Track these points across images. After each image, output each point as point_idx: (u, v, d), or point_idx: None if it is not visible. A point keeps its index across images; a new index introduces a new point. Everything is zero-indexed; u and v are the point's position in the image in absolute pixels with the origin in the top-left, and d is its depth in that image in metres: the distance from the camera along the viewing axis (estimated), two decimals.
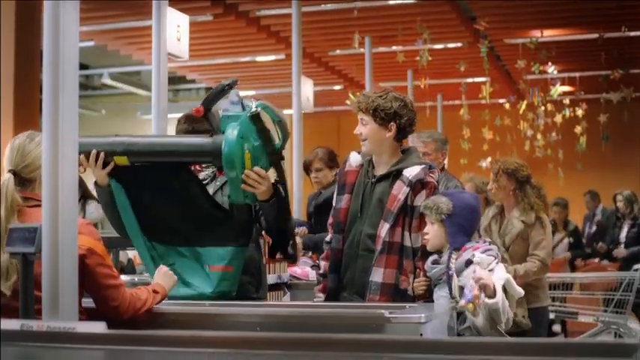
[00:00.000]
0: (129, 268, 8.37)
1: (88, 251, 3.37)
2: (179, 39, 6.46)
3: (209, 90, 15.46)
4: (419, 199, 4.44)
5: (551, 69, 11.89)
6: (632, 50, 11.97)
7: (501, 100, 14.33)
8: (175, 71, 12.96)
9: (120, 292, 3.55)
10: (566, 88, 13.44)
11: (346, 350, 2.22)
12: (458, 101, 14.24)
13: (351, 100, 4.63)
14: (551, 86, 12.53)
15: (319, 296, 4.63)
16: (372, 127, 4.49)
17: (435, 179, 4.52)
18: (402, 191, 4.43)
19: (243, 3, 10.03)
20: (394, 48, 11.35)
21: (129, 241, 4.52)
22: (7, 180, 3.50)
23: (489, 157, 13.26)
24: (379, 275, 4.41)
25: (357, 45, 10.56)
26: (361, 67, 11.31)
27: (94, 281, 3.42)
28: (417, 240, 4.45)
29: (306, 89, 9.73)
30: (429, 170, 4.51)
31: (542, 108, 13.52)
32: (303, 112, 9.05)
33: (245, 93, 13.39)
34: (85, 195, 6.55)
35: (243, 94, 8.73)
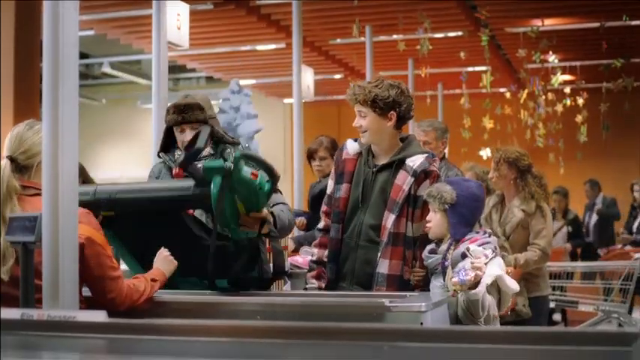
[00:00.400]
0: None
1: (87, 240, 3.37)
2: (179, 28, 6.45)
3: (209, 80, 15.25)
4: (422, 188, 4.43)
5: (552, 58, 11.87)
6: (633, 39, 11.95)
7: (502, 89, 14.32)
8: (175, 60, 12.93)
9: (117, 284, 3.54)
10: (567, 77, 13.43)
11: (347, 339, 2.22)
12: (458, 90, 14.22)
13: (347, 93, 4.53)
14: (552, 75, 12.51)
15: (312, 282, 4.61)
16: (372, 117, 4.45)
17: (437, 168, 4.52)
18: (407, 181, 4.41)
19: None
20: (395, 37, 11.33)
21: None
22: (4, 166, 3.50)
23: (490, 147, 13.25)
24: (385, 267, 4.40)
25: (357, 34, 10.54)
26: (362, 56, 11.29)
27: (91, 271, 3.41)
28: (418, 229, 4.45)
29: (307, 78, 9.73)
30: (432, 159, 4.51)
31: (543, 97, 13.51)
32: (303, 100, 9.05)
33: (245, 82, 13.42)
34: (87, 182, 6.54)
35: (243, 82, 8.67)
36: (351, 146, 4.64)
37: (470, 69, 13.11)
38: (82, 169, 4.25)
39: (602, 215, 13.29)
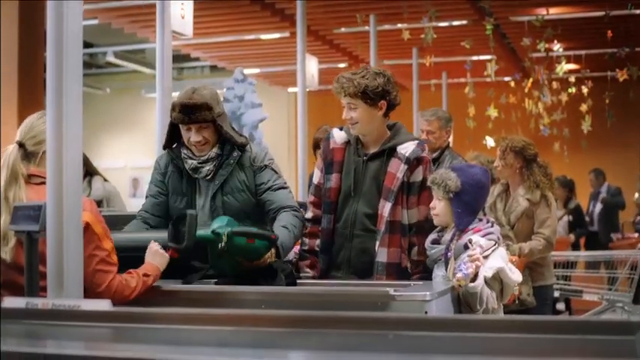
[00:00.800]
0: None
1: (85, 225, 3.36)
2: (183, 17, 6.43)
3: (213, 69, 15.19)
4: (416, 175, 4.43)
5: (557, 47, 11.85)
6: (638, 28, 11.91)
7: (506, 78, 14.28)
8: (180, 49, 12.92)
9: (107, 278, 3.53)
10: (572, 66, 13.39)
11: (351, 328, 2.22)
12: (463, 79, 14.19)
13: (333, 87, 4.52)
14: (557, 64, 12.48)
15: (307, 272, 4.59)
16: (363, 109, 4.43)
17: (427, 154, 4.53)
18: (400, 169, 4.40)
19: None
20: (399, 26, 11.31)
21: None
22: (12, 149, 3.56)
23: (494, 136, 13.23)
24: (384, 255, 4.40)
25: (360, 22, 10.51)
26: (366, 45, 11.27)
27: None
28: (412, 216, 4.45)
29: (311, 67, 9.73)
30: (422, 145, 4.52)
31: (547, 86, 13.47)
32: (307, 89, 9.04)
33: (250, 71, 13.39)
34: (91, 172, 6.55)
35: (247, 71, 8.66)
36: (338, 135, 4.63)
37: (474, 58, 13.08)
38: (85, 159, 4.26)
39: (608, 204, 13.28)
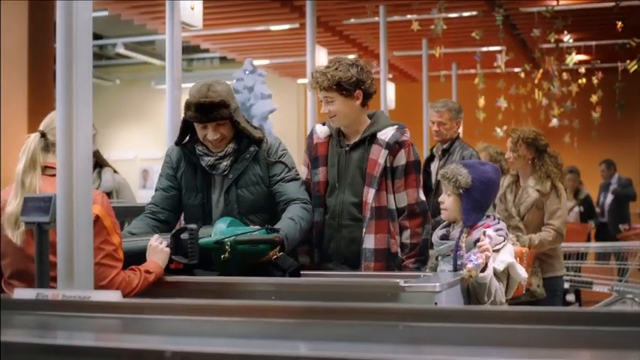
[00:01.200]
0: None
1: (95, 217, 3.37)
2: (193, 8, 6.43)
3: (223, 60, 15.16)
4: (399, 159, 4.47)
5: (567, 37, 11.80)
6: None
7: (516, 69, 14.24)
8: (189, 40, 12.91)
9: (111, 273, 3.53)
10: (582, 57, 13.35)
11: (361, 319, 2.22)
12: (473, 70, 14.16)
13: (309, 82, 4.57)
14: (567, 55, 12.43)
15: (305, 257, 4.62)
16: (339, 101, 4.47)
17: (409, 137, 4.54)
18: (381, 154, 4.45)
19: None
20: (409, 17, 11.28)
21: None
22: (33, 137, 3.62)
23: (504, 126, 13.20)
24: (371, 242, 4.43)
25: (370, 13, 10.49)
26: (376, 36, 11.26)
27: None
28: (401, 200, 4.47)
29: (321, 58, 9.70)
30: (402, 129, 4.53)
31: (557, 77, 13.43)
32: (308, 86, 9.02)
33: (259, 62, 13.38)
34: (100, 163, 6.56)
35: (257, 63, 8.65)
36: (321, 130, 4.69)
37: (484, 49, 13.05)
38: (95, 150, 4.28)
39: (618, 195, 13.24)
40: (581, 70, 13.63)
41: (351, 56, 13.90)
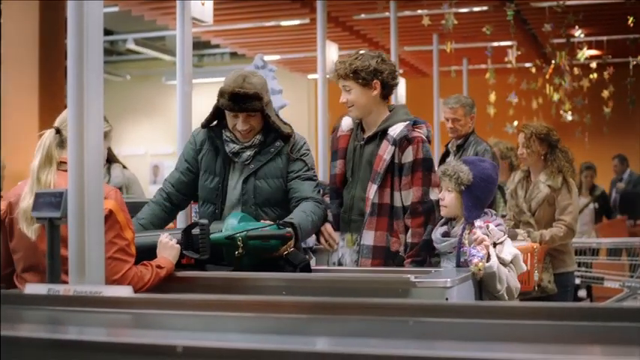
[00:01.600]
0: None
1: (109, 212, 3.41)
2: (203, 3, 6.42)
3: (233, 55, 15.15)
4: (406, 155, 4.42)
5: (578, 32, 11.77)
6: None
7: (527, 65, 14.20)
8: (200, 36, 12.91)
9: (124, 267, 3.56)
10: (594, 52, 13.31)
11: (372, 314, 2.22)
12: (483, 65, 14.13)
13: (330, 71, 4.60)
14: (578, 50, 12.40)
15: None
16: (356, 90, 4.47)
17: (424, 134, 4.48)
18: (387, 151, 4.41)
19: None
20: (419, 12, 11.26)
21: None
22: (49, 134, 3.65)
23: (515, 122, 13.17)
24: (370, 238, 4.41)
25: (381, 9, 10.47)
26: (386, 32, 11.24)
27: None
28: (407, 198, 4.43)
29: (331, 53, 9.69)
30: (413, 125, 4.48)
31: (569, 72, 13.39)
32: (327, 76, 9.01)
33: (270, 57, 13.37)
34: (110, 159, 6.57)
35: (267, 58, 8.66)
36: (345, 122, 4.68)
37: (495, 44, 13.02)
38: None
39: (625, 194, 13.16)
40: (593, 65, 13.57)
41: (362, 52, 13.91)
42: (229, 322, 2.32)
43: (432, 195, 4.45)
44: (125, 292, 2.57)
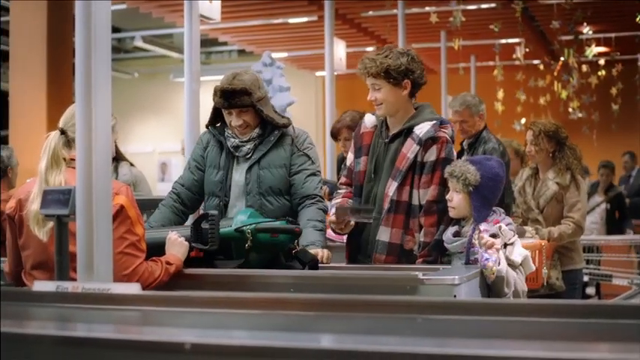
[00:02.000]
0: None
1: (119, 208, 3.42)
2: (211, 1, 6.43)
3: (241, 53, 15.14)
4: (429, 155, 4.39)
5: (587, 29, 11.75)
6: None
7: (535, 62, 14.19)
8: (207, 33, 12.92)
9: (135, 262, 3.57)
10: (602, 49, 13.29)
11: (380, 311, 2.22)
12: (491, 62, 14.12)
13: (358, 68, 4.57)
14: (586, 47, 12.38)
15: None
16: (387, 89, 4.43)
17: (449, 134, 4.46)
18: (412, 149, 4.38)
19: None
20: (427, 9, 11.26)
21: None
22: (54, 135, 3.65)
23: (523, 119, 13.15)
24: (386, 235, 4.40)
25: (388, 6, 10.47)
26: (394, 29, 11.23)
27: (113, 242, 3.40)
28: (424, 196, 4.40)
29: (339, 51, 9.70)
30: (440, 125, 4.46)
31: (577, 69, 13.37)
32: (335, 73, 9.03)
33: (278, 55, 13.38)
34: (117, 157, 6.57)
35: (275, 55, 8.65)
36: (369, 119, 4.65)
37: (503, 41, 13.00)
38: None
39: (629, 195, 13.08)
40: (601, 62, 13.56)
41: (370, 49, 13.92)
42: (237, 319, 2.32)
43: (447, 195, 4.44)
44: (133, 289, 2.57)
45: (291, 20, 12.38)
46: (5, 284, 3.94)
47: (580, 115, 14.04)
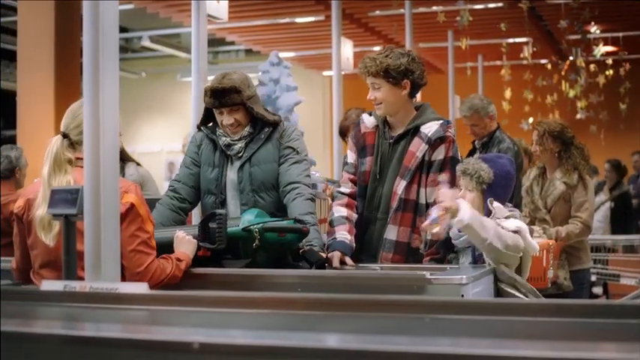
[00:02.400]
0: None
1: (130, 206, 3.44)
2: (218, 1, 6.43)
3: (248, 52, 15.17)
4: (437, 153, 4.42)
5: (594, 29, 11.73)
6: None
7: (543, 61, 14.16)
8: (215, 33, 12.92)
9: (147, 260, 3.59)
10: (610, 48, 13.26)
11: (388, 311, 2.22)
12: (499, 62, 14.10)
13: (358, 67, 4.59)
14: (594, 46, 12.36)
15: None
16: (386, 88, 4.45)
17: (452, 134, 4.49)
18: (420, 148, 4.41)
19: None
20: (434, 8, 11.25)
21: None
22: (56, 140, 3.65)
23: (531, 118, 13.13)
24: (394, 233, 4.41)
25: (396, 5, 10.47)
26: (401, 28, 11.22)
27: (125, 241, 3.40)
28: (431, 194, 4.40)
29: (346, 50, 9.69)
30: (446, 125, 4.49)
31: (584, 68, 13.35)
32: (343, 73, 9.01)
33: (285, 54, 13.38)
34: (123, 158, 6.58)
35: (282, 55, 8.67)
36: (368, 120, 4.66)
37: (510, 40, 12.98)
38: None
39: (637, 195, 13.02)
40: (609, 62, 13.53)
41: (377, 48, 13.90)
42: (245, 318, 2.32)
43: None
44: (141, 288, 2.58)
45: (299, 20, 12.37)
46: (12, 283, 3.95)
47: (588, 115, 14.01)
